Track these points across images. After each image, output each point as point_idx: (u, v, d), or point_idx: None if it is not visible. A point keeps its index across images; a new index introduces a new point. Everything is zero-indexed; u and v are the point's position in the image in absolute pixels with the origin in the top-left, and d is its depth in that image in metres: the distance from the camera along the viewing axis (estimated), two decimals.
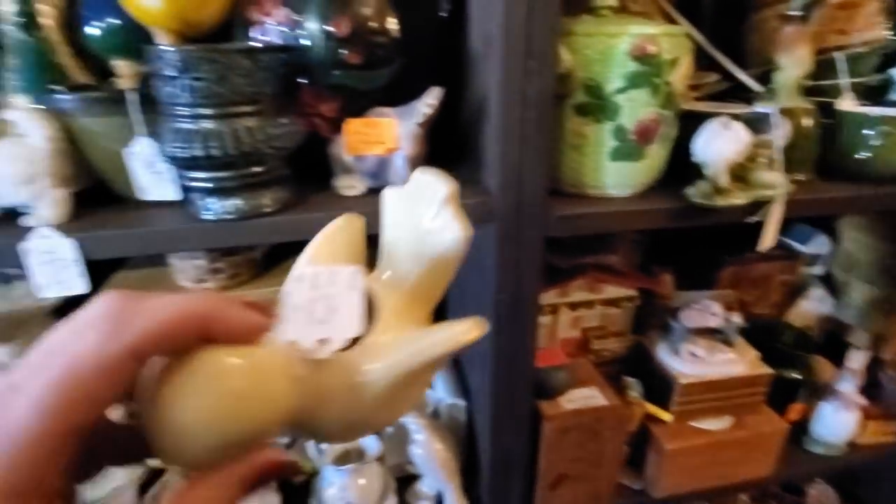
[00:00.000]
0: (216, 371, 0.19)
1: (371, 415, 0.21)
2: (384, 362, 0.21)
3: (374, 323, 0.22)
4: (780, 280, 0.85)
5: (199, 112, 0.41)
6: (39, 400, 0.16)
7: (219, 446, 0.19)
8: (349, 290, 0.21)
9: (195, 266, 0.62)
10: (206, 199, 0.45)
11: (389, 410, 0.22)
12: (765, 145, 0.54)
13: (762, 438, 0.73)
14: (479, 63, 0.52)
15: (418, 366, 0.21)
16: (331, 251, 0.24)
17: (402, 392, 0.21)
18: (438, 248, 0.24)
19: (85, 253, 0.44)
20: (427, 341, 0.21)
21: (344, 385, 0.21)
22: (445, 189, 0.24)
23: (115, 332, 0.17)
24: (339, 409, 0.21)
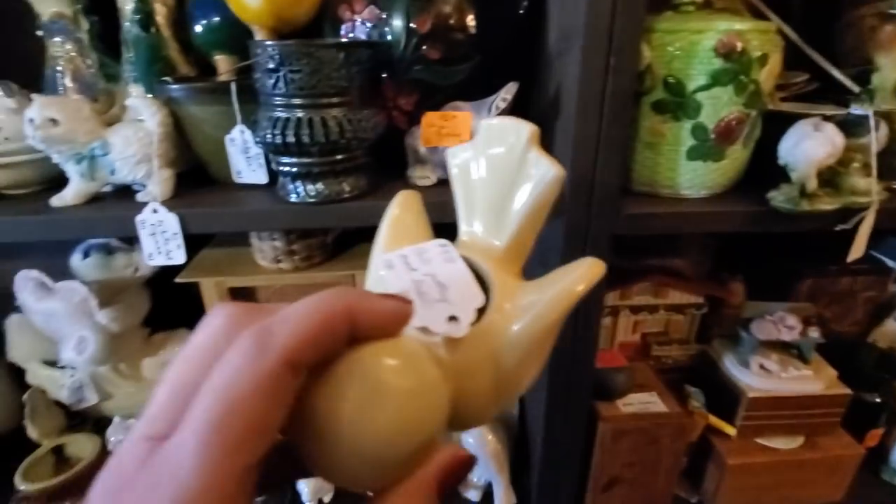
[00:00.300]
0: (388, 375, 0.16)
1: (516, 380, 0.20)
2: (526, 319, 0.20)
3: (488, 289, 0.21)
4: (865, 297, 0.79)
5: (292, 102, 0.45)
6: (203, 446, 0.13)
7: (401, 459, 0.16)
8: (447, 262, 0.20)
9: (273, 247, 0.67)
10: (293, 183, 0.48)
11: (531, 371, 0.21)
12: (859, 150, 0.50)
13: (835, 462, 0.69)
14: (556, 60, 0.52)
15: (558, 315, 0.20)
16: (403, 233, 0.23)
17: (540, 349, 0.20)
18: (532, 193, 0.22)
19: (185, 227, 0.49)
20: (558, 288, 0.20)
21: (488, 355, 0.20)
22: (527, 129, 0.22)
23: (262, 345, 0.14)
24: (485, 385, 0.20)
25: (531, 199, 0.22)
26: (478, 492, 0.73)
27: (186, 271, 0.72)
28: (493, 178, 0.23)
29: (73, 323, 0.73)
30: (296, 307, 0.15)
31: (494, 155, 0.23)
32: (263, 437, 0.14)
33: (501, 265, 0.22)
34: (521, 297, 0.21)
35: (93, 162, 0.51)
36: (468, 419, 0.20)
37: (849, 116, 0.51)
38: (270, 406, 0.14)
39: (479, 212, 0.24)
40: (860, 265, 0.76)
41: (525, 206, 0.22)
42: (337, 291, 0.16)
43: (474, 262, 0.22)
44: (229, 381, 0.14)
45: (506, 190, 0.23)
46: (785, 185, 0.51)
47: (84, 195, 0.52)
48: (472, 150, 0.25)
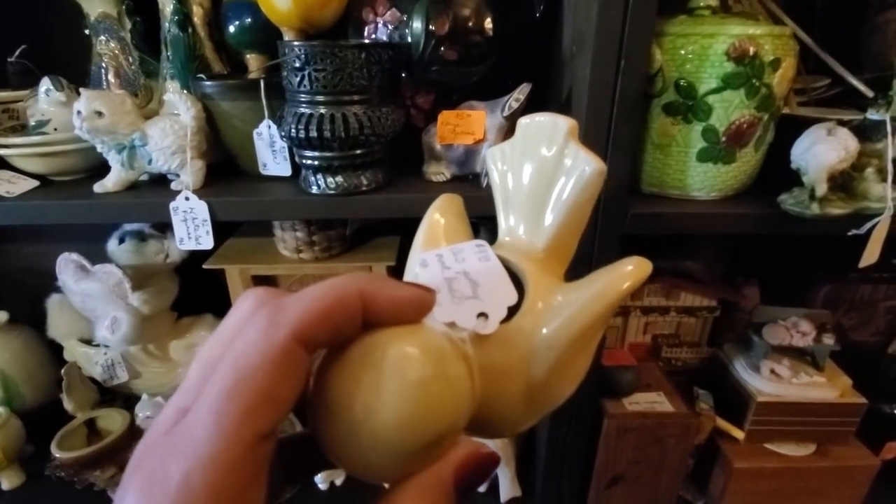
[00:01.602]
0: (405, 360, 0.15)
1: (547, 389, 0.19)
2: (560, 320, 0.19)
3: (524, 289, 0.20)
4: (886, 306, 0.78)
5: (316, 99, 0.47)
6: (215, 414, 0.14)
7: (415, 449, 0.15)
8: (482, 261, 0.19)
9: (295, 237, 0.70)
10: (315, 176, 0.51)
11: (570, 378, 0.20)
12: (875, 155, 0.50)
13: (847, 472, 0.68)
14: (569, 62, 0.54)
15: (597, 316, 0.19)
16: (441, 234, 0.23)
17: (578, 354, 0.19)
18: (574, 188, 0.21)
19: (213, 214, 0.52)
20: (596, 288, 0.19)
21: (520, 358, 0.18)
22: (566, 124, 0.22)
23: (275, 319, 0.15)
24: (517, 387, 0.18)
25: (571, 196, 0.21)
26: (483, 484, 0.74)
27: (213, 259, 0.76)
28: (532, 177, 0.23)
29: (108, 304, 0.77)
30: (312, 288, 0.16)
31: (532, 152, 0.23)
32: (275, 408, 0.14)
33: (542, 267, 0.21)
34: (556, 298, 0.20)
35: (132, 152, 0.55)
36: (494, 425, 0.19)
37: (865, 121, 0.51)
38: (280, 377, 0.14)
39: (519, 212, 0.23)
40: (881, 273, 0.75)
41: (565, 204, 0.21)
42: (354, 275, 0.16)
43: (512, 263, 0.21)
44: (241, 353, 0.14)
45: (545, 187, 0.22)
46: (796, 188, 0.52)
47: (124, 183, 0.56)
48: (511, 148, 0.24)
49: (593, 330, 0.19)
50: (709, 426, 0.70)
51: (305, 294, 0.15)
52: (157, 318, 0.82)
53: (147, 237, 0.81)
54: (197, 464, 0.13)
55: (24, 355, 0.84)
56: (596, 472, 0.69)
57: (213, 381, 0.14)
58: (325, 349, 0.16)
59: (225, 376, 0.14)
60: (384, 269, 0.76)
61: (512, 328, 0.19)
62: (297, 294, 0.16)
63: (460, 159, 0.54)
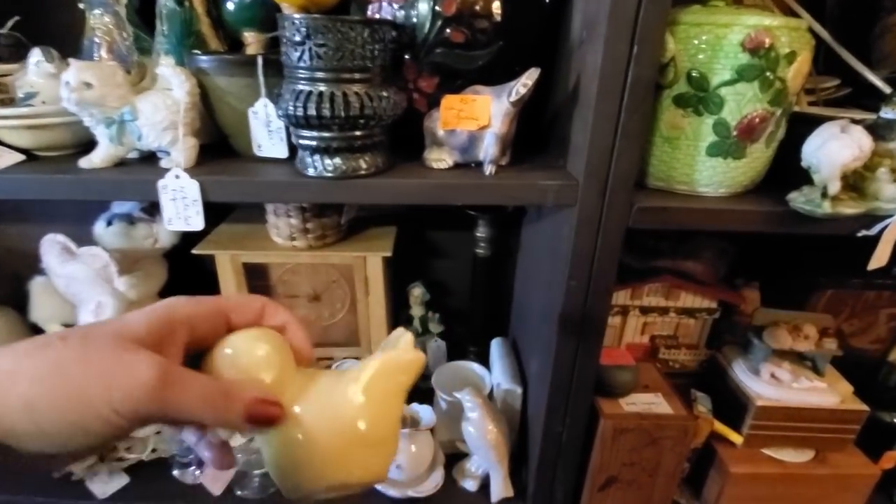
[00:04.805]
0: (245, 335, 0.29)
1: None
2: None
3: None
4: (888, 313, 0.77)
5: (315, 76, 0.46)
6: (164, 302, 0.27)
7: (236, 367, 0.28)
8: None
9: (289, 224, 0.68)
10: (312, 157, 0.49)
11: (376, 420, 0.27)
12: (888, 155, 0.49)
13: (846, 481, 0.67)
14: (578, 48, 0.52)
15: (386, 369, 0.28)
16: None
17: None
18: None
19: (205, 195, 0.50)
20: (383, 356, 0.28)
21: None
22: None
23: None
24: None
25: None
26: (475, 482, 0.73)
27: (203, 244, 0.74)
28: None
29: (93, 287, 0.75)
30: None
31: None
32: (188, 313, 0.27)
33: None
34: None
35: (122, 126, 0.53)
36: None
37: (879, 120, 0.49)
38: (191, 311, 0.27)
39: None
40: (884, 280, 0.74)
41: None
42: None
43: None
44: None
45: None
46: (806, 187, 0.50)
47: (111, 159, 0.54)
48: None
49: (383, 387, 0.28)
50: (706, 429, 0.68)
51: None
52: (143, 304, 0.79)
53: (136, 220, 0.79)
54: (146, 319, 0.25)
55: (6, 339, 0.82)
56: (590, 473, 0.67)
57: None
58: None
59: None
60: (380, 260, 0.74)
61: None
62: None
63: (463, 146, 0.53)
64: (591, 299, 0.55)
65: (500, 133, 0.51)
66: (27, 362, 0.22)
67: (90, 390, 0.21)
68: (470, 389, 0.69)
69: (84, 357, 0.22)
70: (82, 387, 0.21)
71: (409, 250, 0.87)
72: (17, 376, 0.21)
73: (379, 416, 0.27)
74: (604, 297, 0.55)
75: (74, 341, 0.23)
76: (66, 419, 0.21)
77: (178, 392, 0.23)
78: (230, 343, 0.27)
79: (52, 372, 0.21)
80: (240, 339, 0.27)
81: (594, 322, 0.57)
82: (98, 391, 0.21)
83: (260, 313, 0.29)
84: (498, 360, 0.80)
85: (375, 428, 0.26)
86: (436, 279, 0.92)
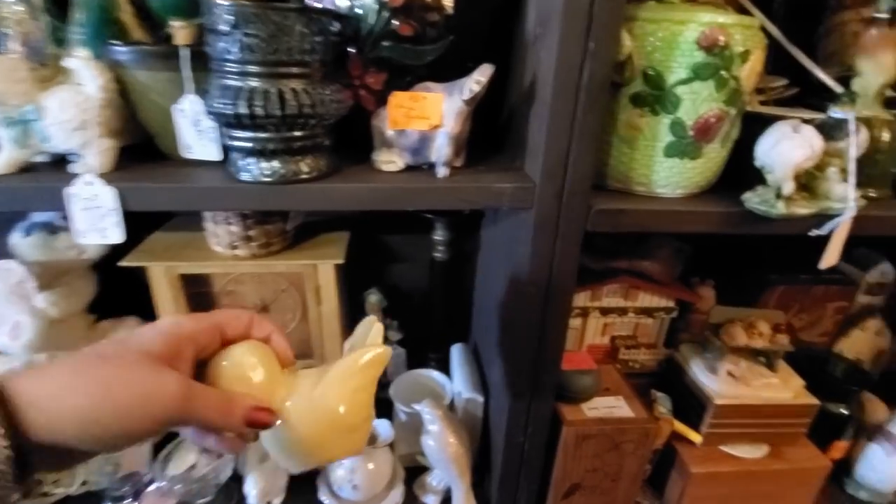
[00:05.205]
0: (239, 348, 0.33)
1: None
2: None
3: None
4: (834, 307, 0.79)
5: (247, 69, 0.41)
6: (168, 320, 0.31)
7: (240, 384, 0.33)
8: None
9: (229, 231, 0.63)
10: (246, 160, 0.44)
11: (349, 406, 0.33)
12: (837, 154, 0.49)
13: (801, 474, 0.68)
14: (533, 44, 0.50)
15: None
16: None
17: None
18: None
19: (124, 203, 0.45)
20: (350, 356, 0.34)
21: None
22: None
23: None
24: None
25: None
26: (437, 496, 0.70)
27: (133, 255, 0.67)
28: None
29: (9, 306, 0.67)
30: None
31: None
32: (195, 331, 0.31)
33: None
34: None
35: (25, 127, 0.46)
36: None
37: (829, 120, 0.50)
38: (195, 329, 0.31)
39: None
40: (831, 275, 0.76)
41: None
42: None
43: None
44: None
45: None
46: (761, 187, 0.50)
47: (15, 164, 0.48)
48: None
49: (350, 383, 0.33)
50: (667, 430, 0.68)
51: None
52: (70, 321, 0.72)
53: (57, 229, 0.71)
54: (158, 336, 0.30)
55: None
56: (553, 482, 0.66)
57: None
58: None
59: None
60: (331, 267, 0.70)
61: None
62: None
63: (414, 147, 0.49)
64: (551, 306, 0.53)
65: (453, 133, 0.48)
66: (79, 380, 0.26)
67: (133, 406, 0.26)
68: (429, 401, 0.66)
69: (126, 378, 0.27)
70: (128, 405, 0.26)
71: (363, 255, 0.83)
72: (73, 391, 0.26)
73: (353, 406, 0.33)
74: (564, 303, 0.54)
75: (115, 362, 0.27)
76: (113, 428, 0.26)
77: (197, 404, 0.29)
78: (227, 356, 0.32)
79: (102, 391, 0.26)
80: (235, 353, 0.32)
81: (554, 329, 0.55)
82: (140, 406, 0.27)
83: (249, 326, 0.34)
84: (458, 368, 0.77)
85: (351, 416, 0.32)
86: (393, 284, 0.89)
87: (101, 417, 0.25)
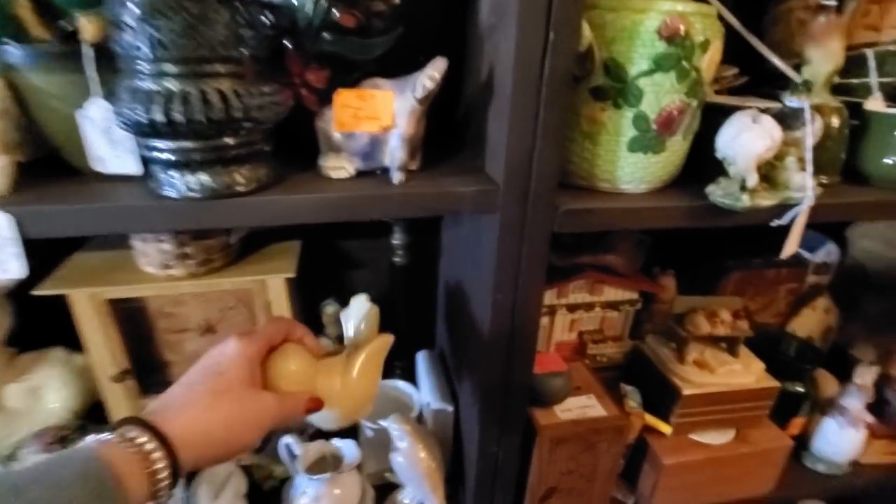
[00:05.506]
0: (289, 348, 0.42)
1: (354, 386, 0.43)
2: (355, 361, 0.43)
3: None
4: (786, 289, 0.82)
5: (162, 69, 0.35)
6: (238, 347, 0.37)
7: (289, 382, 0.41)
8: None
9: (160, 250, 0.56)
10: (169, 173, 0.39)
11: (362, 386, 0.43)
12: (794, 143, 0.49)
13: (765, 455, 0.70)
14: (489, 37, 0.47)
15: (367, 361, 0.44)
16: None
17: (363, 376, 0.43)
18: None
19: (23, 231, 0.38)
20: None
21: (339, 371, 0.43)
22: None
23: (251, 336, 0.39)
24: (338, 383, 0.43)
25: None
26: None
27: (51, 281, 0.59)
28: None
29: None
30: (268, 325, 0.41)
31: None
32: (259, 349, 0.39)
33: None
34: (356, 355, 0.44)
35: None
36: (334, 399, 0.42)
37: (785, 109, 0.49)
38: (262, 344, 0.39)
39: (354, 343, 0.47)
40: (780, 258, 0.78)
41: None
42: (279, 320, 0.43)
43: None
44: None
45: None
46: (722, 179, 0.49)
47: None
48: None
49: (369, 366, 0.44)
50: (639, 424, 0.68)
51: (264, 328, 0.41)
52: None
53: None
54: (236, 361, 0.37)
55: None
56: (529, 488, 0.64)
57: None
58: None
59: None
60: (282, 281, 0.64)
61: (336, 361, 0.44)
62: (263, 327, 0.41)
63: (365, 151, 0.45)
64: (519, 312, 0.51)
65: (406, 134, 0.44)
66: (213, 421, 0.33)
67: (252, 431, 0.35)
68: (397, 416, 0.63)
69: (244, 411, 0.35)
70: (249, 432, 0.35)
71: (318, 264, 0.78)
72: (210, 433, 0.33)
73: (367, 383, 0.43)
74: (533, 308, 0.51)
75: (230, 397, 0.35)
76: (236, 450, 0.35)
77: (284, 411, 0.37)
78: (280, 363, 0.40)
79: (230, 425, 0.34)
80: (286, 359, 0.40)
81: (525, 335, 0.52)
82: (255, 429, 0.36)
83: (287, 332, 0.41)
84: (426, 377, 0.74)
85: (366, 390, 0.43)
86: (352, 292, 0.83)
87: (231, 448, 0.35)
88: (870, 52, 0.58)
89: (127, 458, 0.29)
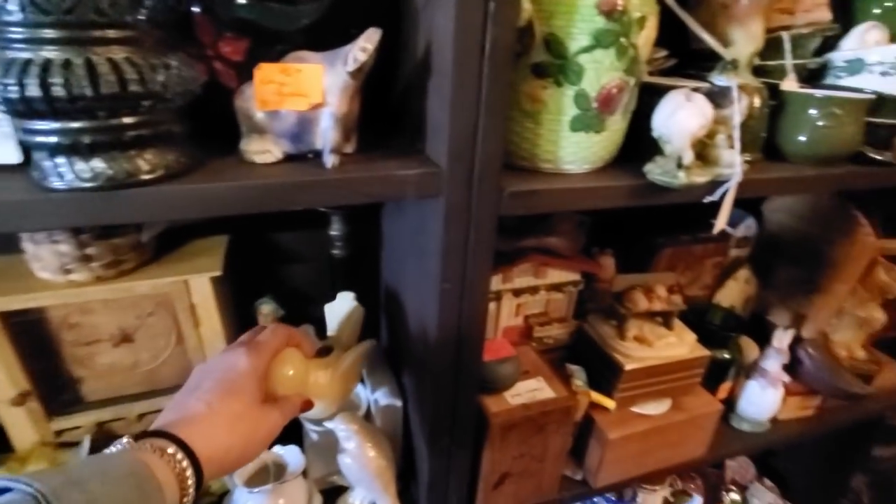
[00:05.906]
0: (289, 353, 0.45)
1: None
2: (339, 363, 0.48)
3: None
4: (712, 262, 0.87)
5: (38, 35, 0.29)
6: (249, 363, 0.40)
7: (286, 386, 0.45)
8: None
9: (56, 252, 0.49)
10: (54, 160, 0.33)
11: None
12: (723, 121, 0.51)
13: (699, 420, 0.74)
14: (425, 8, 0.44)
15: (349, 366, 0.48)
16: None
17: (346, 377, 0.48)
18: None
19: None
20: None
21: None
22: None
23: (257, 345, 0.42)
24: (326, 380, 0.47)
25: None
26: None
27: None
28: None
29: None
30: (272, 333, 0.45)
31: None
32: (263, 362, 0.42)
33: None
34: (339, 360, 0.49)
35: None
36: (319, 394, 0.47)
37: (713, 88, 0.51)
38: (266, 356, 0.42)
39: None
40: (708, 234, 0.83)
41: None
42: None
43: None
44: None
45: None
46: (659, 157, 0.50)
47: None
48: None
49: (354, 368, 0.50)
50: (585, 403, 0.69)
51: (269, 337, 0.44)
52: None
53: None
54: (245, 379, 0.39)
55: None
56: (483, 476, 0.63)
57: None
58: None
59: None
60: (207, 281, 0.58)
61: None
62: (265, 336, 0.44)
63: (293, 132, 0.41)
64: (467, 300, 0.49)
65: (339, 113, 0.40)
66: (233, 438, 0.36)
67: (263, 443, 0.39)
68: (343, 415, 0.59)
69: (257, 428, 0.38)
70: (261, 446, 0.39)
71: (250, 260, 0.72)
72: (229, 449, 0.36)
73: (349, 382, 0.49)
74: (481, 294, 0.50)
75: (247, 416, 0.38)
76: (248, 460, 0.38)
77: (286, 419, 0.41)
78: (279, 370, 0.43)
79: (247, 442, 0.37)
80: (279, 365, 0.43)
81: (473, 323, 0.51)
82: (265, 440, 0.39)
83: (287, 339, 0.44)
84: (371, 372, 0.71)
85: (347, 387, 0.48)
86: (289, 288, 0.78)
87: (242, 463, 0.37)
88: (785, 35, 0.61)
89: (163, 468, 0.31)
